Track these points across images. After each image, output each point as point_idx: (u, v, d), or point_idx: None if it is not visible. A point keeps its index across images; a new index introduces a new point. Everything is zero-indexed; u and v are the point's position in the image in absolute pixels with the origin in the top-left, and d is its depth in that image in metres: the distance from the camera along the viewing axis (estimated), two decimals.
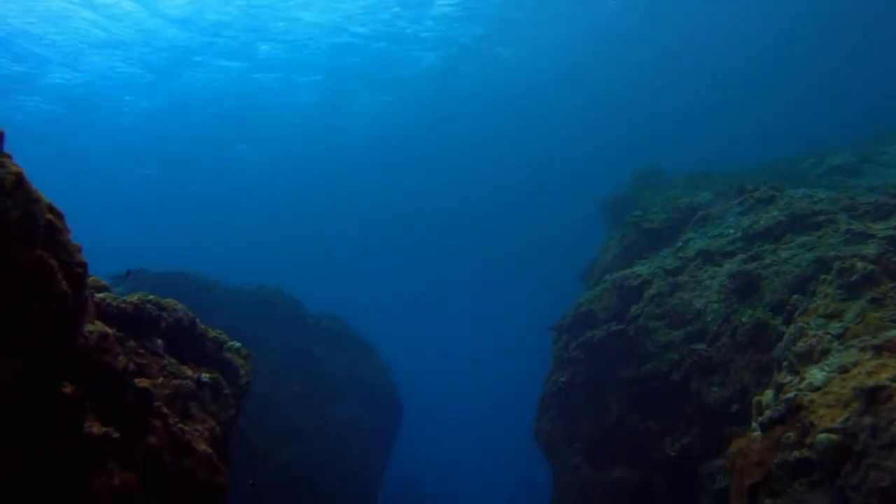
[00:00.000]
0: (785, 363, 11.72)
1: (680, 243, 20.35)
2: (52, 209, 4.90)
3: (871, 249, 12.86)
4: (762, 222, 17.58)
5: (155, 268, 27.77)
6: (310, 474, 27.88)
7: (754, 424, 10.66)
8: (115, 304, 9.08)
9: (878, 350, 9.20)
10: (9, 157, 4.58)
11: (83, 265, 5.11)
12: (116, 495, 6.68)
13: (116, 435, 6.65)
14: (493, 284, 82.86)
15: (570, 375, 19.94)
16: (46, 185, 5.38)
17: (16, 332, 4.50)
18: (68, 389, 5.80)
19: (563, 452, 20.34)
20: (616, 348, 18.38)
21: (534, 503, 22.48)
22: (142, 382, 7.66)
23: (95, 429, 6.37)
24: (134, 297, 9.60)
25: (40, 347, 4.74)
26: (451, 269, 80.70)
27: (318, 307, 35.95)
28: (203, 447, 8.36)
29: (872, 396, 8.16)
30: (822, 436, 8.51)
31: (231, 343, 11.99)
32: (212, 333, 11.42)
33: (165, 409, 8.06)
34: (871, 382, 8.28)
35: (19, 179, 4.37)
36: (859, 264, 11.56)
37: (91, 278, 9.07)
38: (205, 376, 10.01)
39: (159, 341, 9.67)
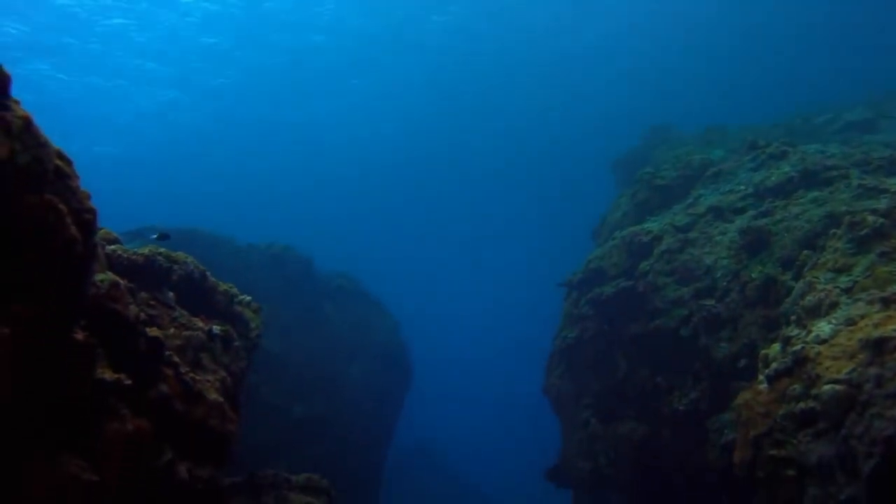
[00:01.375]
0: (793, 317, 11.74)
1: (691, 200, 20.26)
2: (60, 155, 4.93)
3: (882, 204, 12.76)
4: (773, 178, 17.46)
5: (166, 225, 27.85)
6: (321, 431, 28.23)
7: (761, 377, 10.72)
8: (125, 256, 9.16)
9: (886, 302, 9.20)
10: (17, 102, 4.61)
11: (92, 212, 5.16)
12: (129, 440, 6.81)
13: (128, 382, 6.76)
14: (504, 242, 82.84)
15: (580, 331, 20.03)
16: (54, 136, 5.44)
17: (25, 277, 4.56)
18: (80, 336, 5.89)
19: (571, 408, 20.51)
20: (625, 304, 18.42)
21: (542, 459, 22.65)
22: (153, 332, 7.76)
23: (107, 375, 6.48)
24: (145, 250, 9.68)
25: (51, 292, 4.81)
26: (462, 228, 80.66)
27: (329, 266, 36.06)
28: (214, 396, 8.48)
29: (879, 347, 8.18)
30: (828, 387, 8.56)
31: (241, 297, 12.09)
32: (222, 287, 11.51)
33: (177, 359, 8.18)
34: (877, 334, 8.30)
35: (27, 124, 4.40)
36: (870, 218, 11.51)
37: (102, 231, 9.15)
38: (216, 328, 10.12)
39: (170, 293, 9.77)
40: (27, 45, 41.81)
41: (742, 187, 18.61)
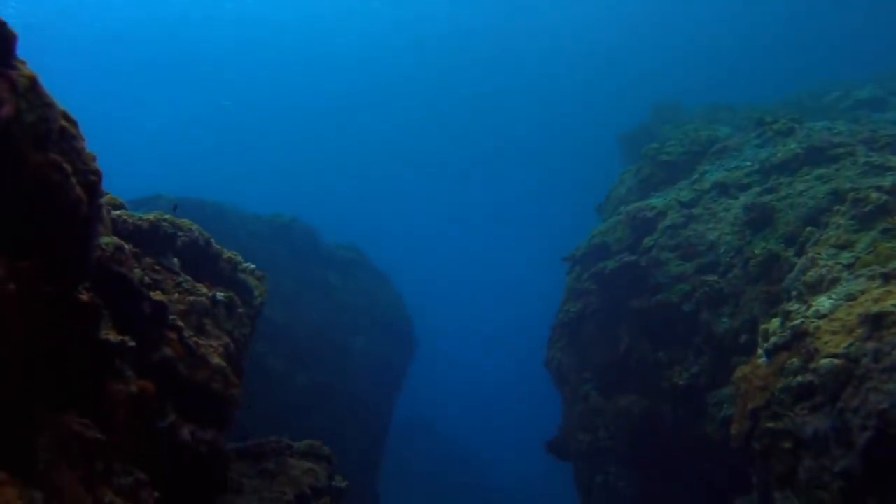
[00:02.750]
0: (794, 293, 11.79)
1: (696, 175, 20.24)
2: (66, 116, 4.97)
3: (887, 181, 12.75)
4: (779, 154, 17.42)
5: (171, 193, 27.95)
6: (324, 400, 28.45)
7: (760, 351, 10.79)
8: (131, 221, 9.23)
9: (887, 278, 9.24)
10: (23, 62, 4.65)
11: (97, 173, 5.20)
12: (133, 401, 6.91)
13: (132, 344, 6.84)
14: (508, 217, 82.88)
15: (582, 305, 20.11)
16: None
17: (31, 235, 4.62)
18: (85, 297, 5.96)
19: (572, 381, 20.64)
20: (628, 279, 18.46)
21: (543, 432, 22.82)
22: (157, 296, 7.84)
23: (112, 336, 6.56)
24: (150, 216, 9.75)
25: (56, 251, 4.87)
26: (467, 202, 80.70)
27: (335, 237, 36.16)
28: (217, 360, 8.58)
29: (877, 322, 8.23)
30: (826, 361, 8.62)
31: (246, 265, 12.17)
32: (226, 254, 11.59)
33: (181, 323, 8.27)
34: (876, 309, 8.34)
35: (33, 83, 4.44)
36: (874, 195, 11.51)
37: (107, 196, 9.21)
38: (219, 294, 10.21)
39: (175, 259, 9.84)
40: None
41: (748, 163, 18.58)
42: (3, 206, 4.37)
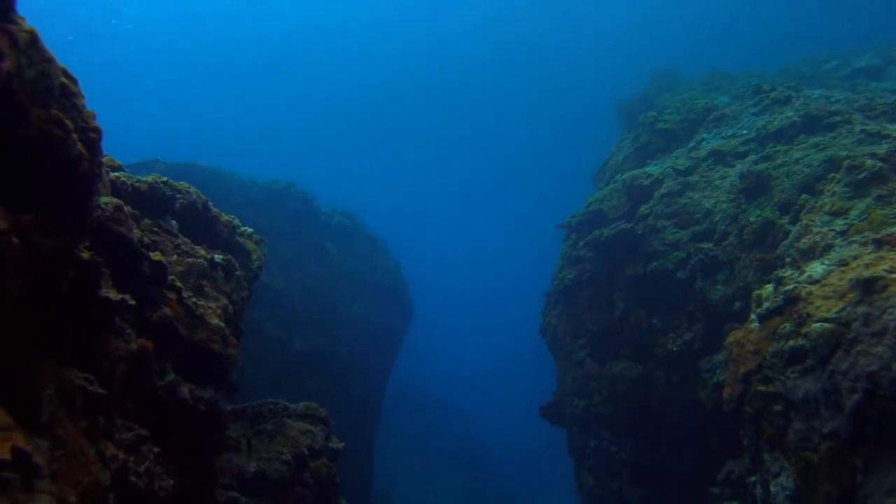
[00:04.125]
0: (788, 259, 11.90)
1: (693, 144, 20.28)
2: (66, 73, 4.99)
3: (883, 149, 12.79)
4: (776, 123, 17.44)
5: (169, 158, 27.89)
6: (320, 366, 28.67)
7: (753, 316, 10.90)
8: (129, 182, 9.25)
9: (879, 244, 9.32)
10: (22, 18, 4.66)
11: (97, 131, 5.23)
12: (133, 359, 7.00)
13: (133, 302, 6.91)
14: (506, 185, 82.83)
15: (578, 272, 20.22)
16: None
17: (33, 190, 4.67)
18: (85, 254, 6.02)
19: (567, 347, 20.82)
20: (623, 246, 18.56)
21: (538, 397, 23.05)
22: (156, 256, 7.90)
23: (112, 295, 6.62)
24: (148, 178, 9.77)
25: (58, 207, 4.92)
26: (465, 171, 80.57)
27: (331, 204, 36.16)
28: (216, 321, 8.66)
29: (868, 287, 8.33)
30: (817, 325, 8.73)
31: (243, 228, 12.21)
32: (224, 218, 11.62)
33: (180, 283, 8.33)
34: (868, 274, 8.43)
35: (33, 38, 4.46)
36: (868, 162, 11.56)
37: (106, 157, 9.23)
38: (218, 257, 10.26)
39: (173, 221, 9.88)
40: None
41: (744, 132, 18.60)
42: (5, 160, 4.42)
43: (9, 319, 4.66)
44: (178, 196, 10.20)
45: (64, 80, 4.92)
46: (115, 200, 7.16)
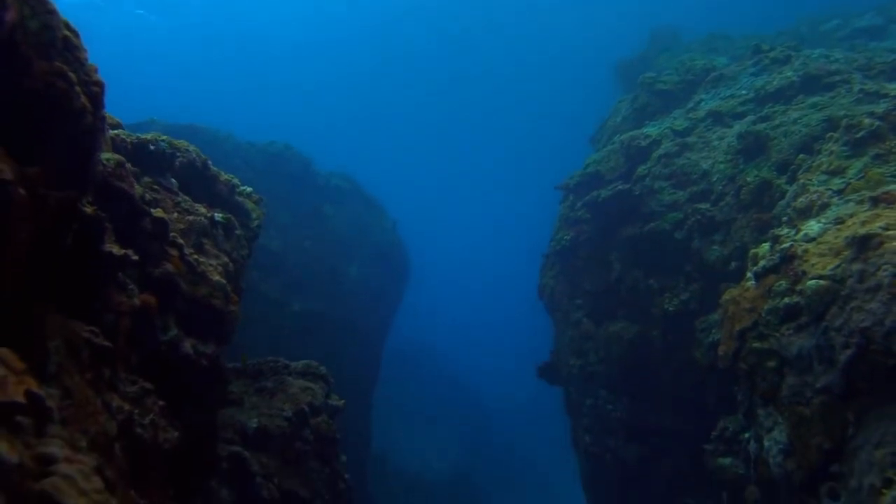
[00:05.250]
0: (784, 219, 11.97)
1: (691, 104, 20.24)
2: (68, 26, 4.99)
3: (881, 108, 12.80)
4: (775, 83, 17.40)
5: (166, 119, 27.76)
6: (318, 326, 28.84)
7: (749, 274, 11.01)
8: (129, 140, 9.26)
9: (875, 202, 9.39)
10: None
11: (100, 84, 5.25)
12: (136, 314, 7.08)
13: (135, 257, 6.98)
14: (503, 145, 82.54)
15: (575, 234, 20.30)
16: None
17: (38, 143, 4.71)
18: (89, 209, 6.07)
19: (564, 308, 20.97)
20: (621, 207, 18.61)
21: (535, 358, 23.26)
22: (158, 213, 7.95)
23: (115, 250, 6.68)
24: (148, 136, 9.77)
25: (62, 159, 4.96)
26: (462, 132, 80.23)
27: (329, 166, 36.09)
28: (217, 278, 8.74)
29: (863, 244, 8.41)
30: (812, 282, 8.83)
31: (243, 187, 12.24)
32: (224, 177, 11.64)
33: (181, 240, 8.39)
34: (863, 231, 8.51)
35: None
36: (866, 121, 11.58)
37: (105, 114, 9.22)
38: (218, 215, 10.31)
39: (173, 180, 9.91)
40: None
41: (743, 92, 18.56)
42: (10, 112, 4.45)
43: (16, 270, 4.72)
44: (178, 154, 10.22)
45: (66, 32, 4.93)
46: (116, 157, 7.18)
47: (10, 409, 3.49)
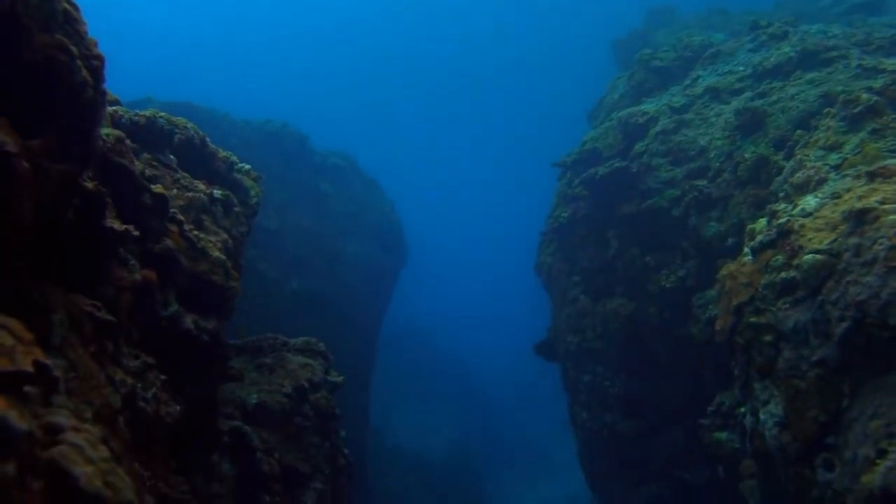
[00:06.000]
0: (781, 194, 12.02)
1: (688, 81, 20.22)
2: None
3: (879, 83, 12.81)
4: (773, 59, 17.38)
5: (161, 97, 27.67)
6: (316, 306, 28.91)
7: (746, 249, 11.06)
8: (127, 116, 9.26)
9: (872, 176, 9.43)
10: None
11: (100, 58, 5.25)
12: (137, 289, 7.12)
13: (136, 233, 7.01)
14: (500, 124, 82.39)
15: (572, 211, 20.34)
16: None
17: (40, 116, 4.72)
18: (90, 184, 6.09)
19: (562, 285, 21.04)
20: (618, 184, 18.64)
21: (532, 336, 23.36)
22: (158, 189, 7.97)
23: (116, 225, 6.71)
24: (146, 112, 9.77)
25: (64, 133, 4.98)
26: (459, 110, 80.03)
27: (326, 144, 36.03)
28: (217, 254, 8.78)
29: (860, 218, 8.45)
30: (809, 256, 8.89)
31: (241, 165, 12.25)
32: (222, 154, 11.65)
33: (181, 216, 8.42)
34: (860, 205, 8.55)
35: None
36: (864, 96, 11.59)
37: None
38: (217, 192, 10.33)
39: (172, 156, 9.92)
40: None
41: (741, 68, 18.54)
42: (11, 85, 4.46)
43: (19, 243, 4.75)
44: (177, 131, 10.22)
45: (66, 5, 4.93)
46: (116, 132, 7.20)
47: (19, 378, 3.53)
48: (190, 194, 9.41)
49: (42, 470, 3.51)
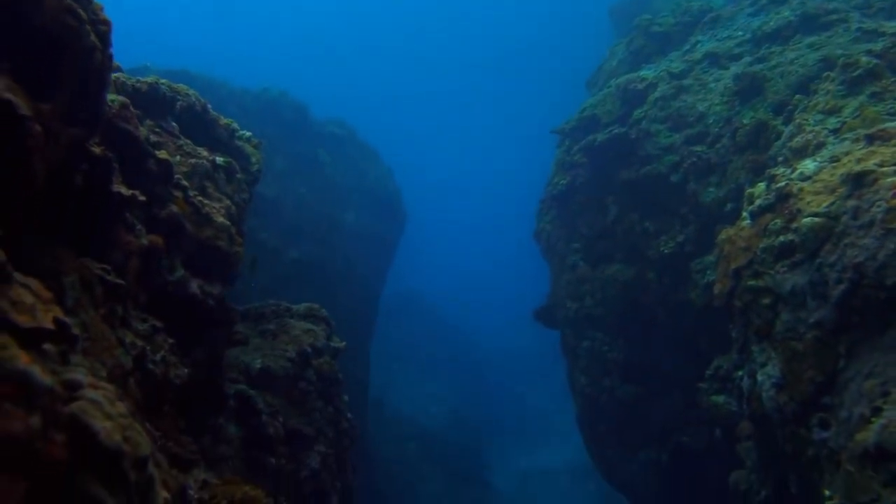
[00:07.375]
0: (780, 159, 12.07)
1: (688, 46, 20.13)
2: None
3: (879, 46, 12.79)
4: (772, 23, 17.30)
5: (158, 65, 27.48)
6: (315, 273, 28.99)
7: (744, 213, 11.15)
8: (129, 83, 9.28)
9: (871, 139, 9.49)
10: None
11: (107, 23, 5.28)
12: (144, 254, 7.21)
13: (143, 198, 7.08)
14: (499, 92, 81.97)
15: (571, 178, 20.37)
16: None
17: (50, 79, 4.77)
18: (97, 150, 6.15)
19: (561, 252, 21.14)
20: (617, 151, 18.65)
21: (531, 303, 23.49)
22: (162, 155, 8.02)
23: (123, 190, 6.78)
24: (148, 79, 9.78)
25: (74, 97, 5.03)
26: (457, 78, 79.61)
27: (324, 113, 35.87)
28: (221, 219, 8.85)
29: (858, 181, 8.53)
30: (807, 219, 8.97)
31: (242, 132, 12.27)
32: (224, 121, 11.68)
33: (185, 182, 8.48)
34: (858, 168, 8.62)
35: None
36: (863, 59, 11.61)
37: None
38: (219, 159, 10.38)
39: (174, 123, 9.95)
40: None
41: (740, 33, 18.47)
42: (22, 49, 4.51)
43: (33, 205, 4.83)
44: (179, 98, 10.25)
45: None
46: (121, 98, 7.24)
47: (40, 334, 3.63)
48: (193, 161, 9.46)
49: (63, 424, 3.62)
